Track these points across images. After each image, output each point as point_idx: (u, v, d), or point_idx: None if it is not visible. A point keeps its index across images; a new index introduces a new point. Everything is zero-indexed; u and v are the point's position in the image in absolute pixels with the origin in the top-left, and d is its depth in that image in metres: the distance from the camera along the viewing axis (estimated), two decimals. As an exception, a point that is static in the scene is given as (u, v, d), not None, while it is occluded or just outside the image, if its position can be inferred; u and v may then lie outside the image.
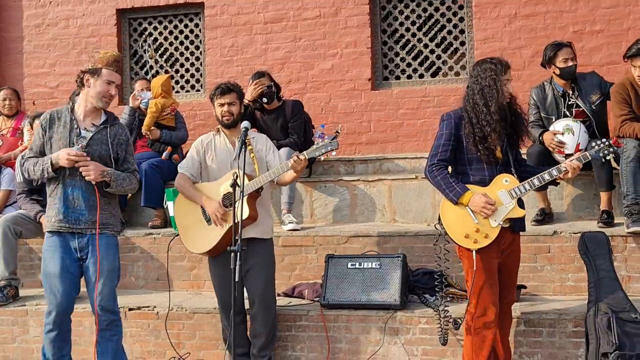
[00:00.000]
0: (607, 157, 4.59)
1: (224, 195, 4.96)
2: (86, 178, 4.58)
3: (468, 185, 4.46)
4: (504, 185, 4.44)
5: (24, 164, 4.77)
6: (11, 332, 5.95)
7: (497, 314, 4.45)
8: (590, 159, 4.52)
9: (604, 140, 4.54)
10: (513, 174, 4.49)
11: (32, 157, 4.75)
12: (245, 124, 4.85)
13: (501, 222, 4.41)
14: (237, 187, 4.45)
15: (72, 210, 4.67)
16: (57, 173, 4.63)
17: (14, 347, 5.94)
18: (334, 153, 4.83)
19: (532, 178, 4.45)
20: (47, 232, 4.77)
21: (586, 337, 4.72)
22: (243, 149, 4.64)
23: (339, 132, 4.90)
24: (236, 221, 4.35)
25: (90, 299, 4.78)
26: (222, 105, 5.17)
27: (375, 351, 5.19)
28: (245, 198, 4.77)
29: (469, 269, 4.49)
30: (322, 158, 4.92)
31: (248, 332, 5.23)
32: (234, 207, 4.42)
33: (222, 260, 4.94)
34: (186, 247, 5.26)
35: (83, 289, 4.86)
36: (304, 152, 4.88)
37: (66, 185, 4.66)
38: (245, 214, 4.81)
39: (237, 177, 4.49)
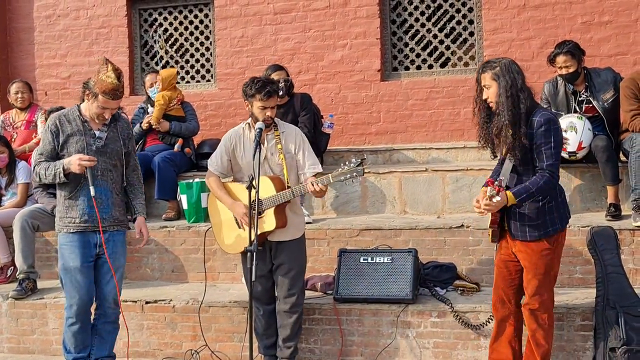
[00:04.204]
0: None
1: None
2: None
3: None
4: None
5: (34, 168, 4.90)
6: (30, 324, 6.09)
7: (502, 315, 4.62)
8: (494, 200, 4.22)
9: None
10: (496, 182, 4.31)
11: (44, 161, 4.85)
12: (259, 124, 4.91)
13: (489, 226, 4.50)
14: (254, 191, 4.57)
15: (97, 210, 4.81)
16: (68, 178, 4.76)
17: (33, 338, 6.08)
18: (359, 179, 4.78)
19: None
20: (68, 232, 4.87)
21: (594, 331, 4.83)
22: (258, 150, 4.73)
23: (365, 159, 4.78)
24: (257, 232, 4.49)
25: (103, 293, 4.96)
26: (264, 108, 4.92)
27: (387, 344, 5.31)
28: (272, 208, 4.87)
29: None
30: (345, 181, 4.79)
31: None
32: (249, 220, 4.58)
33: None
34: (219, 244, 5.37)
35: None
36: (328, 176, 4.80)
37: (89, 186, 4.75)
38: (272, 226, 4.90)
39: (252, 179, 4.59)
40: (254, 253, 4.41)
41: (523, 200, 4.30)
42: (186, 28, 8.67)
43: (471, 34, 7.83)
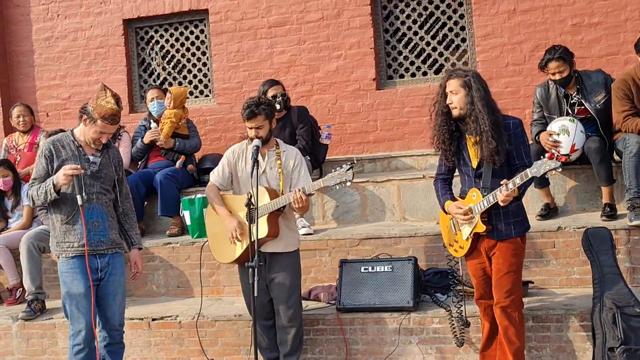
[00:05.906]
0: (548, 174, 4.37)
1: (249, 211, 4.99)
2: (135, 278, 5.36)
3: (457, 197, 4.75)
4: (472, 199, 4.58)
5: (28, 192, 4.98)
6: (41, 345, 6.19)
7: (483, 312, 4.85)
8: (530, 176, 4.30)
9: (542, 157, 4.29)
10: (480, 189, 4.53)
11: (36, 185, 4.88)
12: (256, 142, 5.02)
13: (470, 236, 4.64)
14: (252, 207, 4.66)
15: (94, 233, 4.88)
16: (59, 194, 4.77)
17: (44, 358, 6.19)
18: (349, 184, 4.89)
19: (489, 194, 4.46)
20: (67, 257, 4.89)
21: (592, 332, 4.91)
22: (256, 167, 4.83)
23: (355, 163, 4.92)
24: (252, 240, 4.55)
25: (107, 316, 4.99)
26: (250, 129, 5.15)
27: (391, 352, 5.40)
28: (265, 216, 4.97)
29: None
30: (336, 186, 4.97)
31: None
32: (249, 227, 4.63)
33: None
34: (212, 254, 5.48)
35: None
36: (319, 181, 4.98)
37: (85, 210, 4.80)
38: (264, 233, 4.98)
39: (250, 196, 4.69)
40: (255, 269, 4.50)
41: (523, 193, 4.55)
42: (182, 44, 8.78)
43: (463, 40, 7.92)
